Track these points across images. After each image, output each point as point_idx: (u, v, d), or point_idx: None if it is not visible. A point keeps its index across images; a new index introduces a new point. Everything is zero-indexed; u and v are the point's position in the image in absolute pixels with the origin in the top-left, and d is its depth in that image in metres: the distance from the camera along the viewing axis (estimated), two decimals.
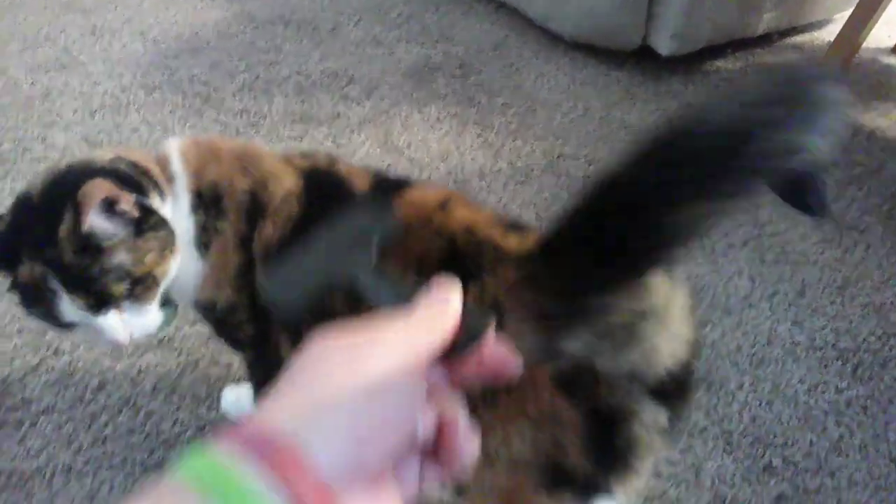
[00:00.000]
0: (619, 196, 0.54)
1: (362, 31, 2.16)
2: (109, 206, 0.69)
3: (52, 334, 1.18)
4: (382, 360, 0.33)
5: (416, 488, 0.35)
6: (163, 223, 0.75)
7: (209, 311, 0.84)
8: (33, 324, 1.19)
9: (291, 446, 0.28)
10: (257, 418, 0.30)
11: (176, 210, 0.79)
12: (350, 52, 2.06)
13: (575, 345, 0.57)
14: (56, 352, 1.15)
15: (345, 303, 0.66)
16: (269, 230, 0.78)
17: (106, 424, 1.05)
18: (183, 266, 0.79)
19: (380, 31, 2.17)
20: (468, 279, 0.63)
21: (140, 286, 0.74)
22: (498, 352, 0.37)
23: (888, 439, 1.11)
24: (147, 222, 0.73)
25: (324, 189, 0.79)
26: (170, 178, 0.79)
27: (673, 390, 0.63)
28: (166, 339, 1.18)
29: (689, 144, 0.49)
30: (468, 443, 0.35)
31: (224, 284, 0.81)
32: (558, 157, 1.70)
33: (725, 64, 2.16)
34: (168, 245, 0.75)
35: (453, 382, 0.37)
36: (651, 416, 0.63)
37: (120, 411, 1.06)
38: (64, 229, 0.69)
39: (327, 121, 1.77)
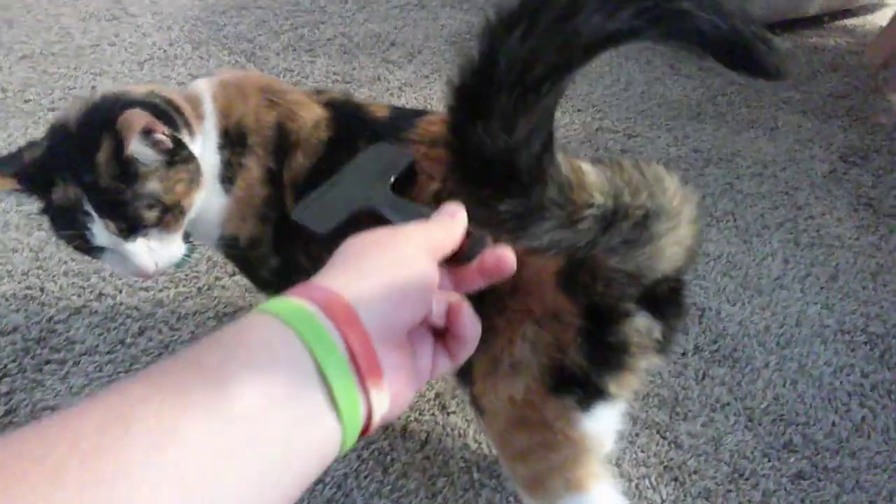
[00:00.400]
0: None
1: None
2: (147, 135, 0.72)
3: (96, 278, 1.23)
4: (405, 245, 0.41)
5: (431, 367, 0.43)
6: (192, 157, 0.78)
7: (232, 247, 0.87)
8: (79, 265, 1.25)
9: (347, 303, 0.36)
10: (318, 281, 0.38)
11: (205, 147, 0.81)
12: (394, 15, 2.06)
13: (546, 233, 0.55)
14: (100, 295, 1.20)
15: (369, 225, 0.69)
16: (299, 159, 0.80)
17: (145, 368, 1.09)
18: (207, 200, 0.82)
19: None
20: None
21: (169, 214, 0.77)
22: (495, 255, 0.44)
23: None
24: (178, 154, 0.76)
25: (348, 116, 0.82)
26: (200, 117, 0.82)
27: (665, 301, 0.67)
28: (205, 287, 1.22)
29: None
30: (472, 324, 0.43)
31: (248, 217, 0.84)
32: (597, 130, 1.70)
33: None
34: (196, 178, 0.78)
35: (457, 285, 0.46)
36: (644, 322, 0.66)
37: (159, 355, 1.11)
38: (103, 154, 0.72)
39: (368, 83, 1.79)
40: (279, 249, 0.86)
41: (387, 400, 0.38)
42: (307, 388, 0.34)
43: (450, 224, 0.45)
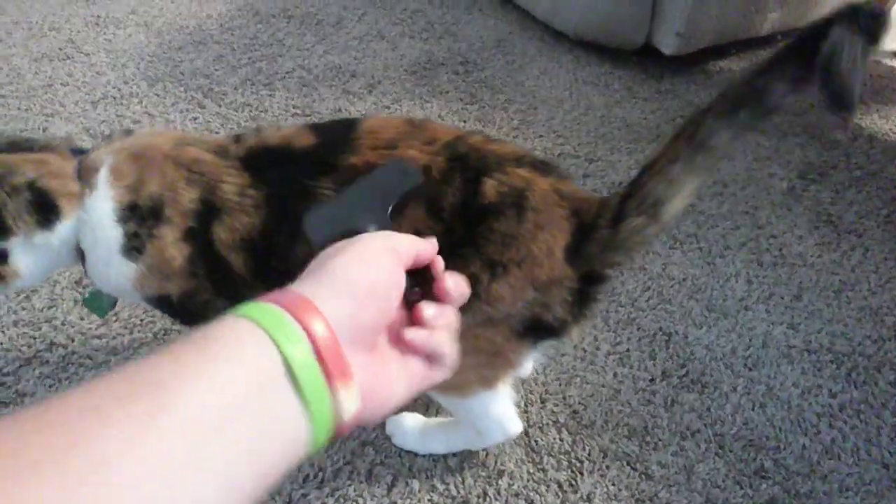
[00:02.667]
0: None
1: (366, 26, 2.16)
2: None
3: (47, 327, 1.19)
4: (368, 246, 0.44)
5: (422, 373, 0.46)
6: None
7: (165, 305, 0.88)
8: (29, 315, 1.20)
9: (312, 303, 0.38)
10: (285, 289, 0.40)
11: (90, 222, 0.82)
12: (353, 46, 2.06)
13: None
14: (51, 345, 1.16)
15: None
16: (239, 220, 0.80)
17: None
18: (108, 272, 0.84)
19: (383, 26, 2.17)
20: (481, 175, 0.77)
21: None
22: (446, 287, 0.48)
23: (881, 444, 1.12)
24: None
25: (269, 164, 0.82)
26: (91, 189, 0.81)
27: None
28: (161, 331, 1.18)
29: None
30: (450, 344, 0.47)
31: (172, 277, 0.83)
32: (559, 155, 1.70)
33: (728, 64, 2.15)
34: None
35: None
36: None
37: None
38: None
39: (329, 115, 1.77)
40: (224, 293, 0.86)
41: (357, 398, 0.38)
42: (275, 384, 0.35)
43: (415, 238, 0.48)
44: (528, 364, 1.10)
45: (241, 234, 0.80)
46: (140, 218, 0.80)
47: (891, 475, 1.08)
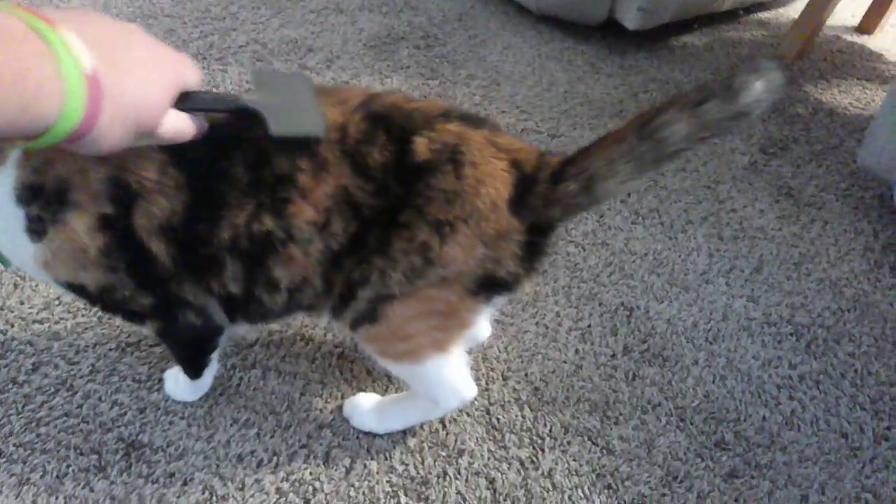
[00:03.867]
0: None
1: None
2: None
3: None
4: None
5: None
6: None
7: (82, 293, 0.81)
8: None
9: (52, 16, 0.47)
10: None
11: None
12: (310, 20, 2.00)
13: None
14: None
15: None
16: (158, 204, 0.73)
17: (40, 407, 1.00)
18: (14, 250, 0.78)
19: (341, 0, 2.11)
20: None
21: None
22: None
23: (839, 414, 1.12)
24: None
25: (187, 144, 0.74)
26: (1, 161, 0.74)
27: None
28: (107, 315, 1.13)
29: None
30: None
31: (88, 267, 0.77)
32: (521, 131, 1.68)
33: (691, 39, 2.14)
34: None
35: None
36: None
37: (56, 393, 1.02)
38: None
39: None
40: (147, 288, 0.80)
41: (84, 49, 0.47)
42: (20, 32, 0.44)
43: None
44: (485, 327, 1.12)
45: (160, 219, 0.74)
46: (44, 201, 0.73)
47: (849, 444, 1.08)
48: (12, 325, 1.11)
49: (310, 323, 1.14)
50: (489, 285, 0.80)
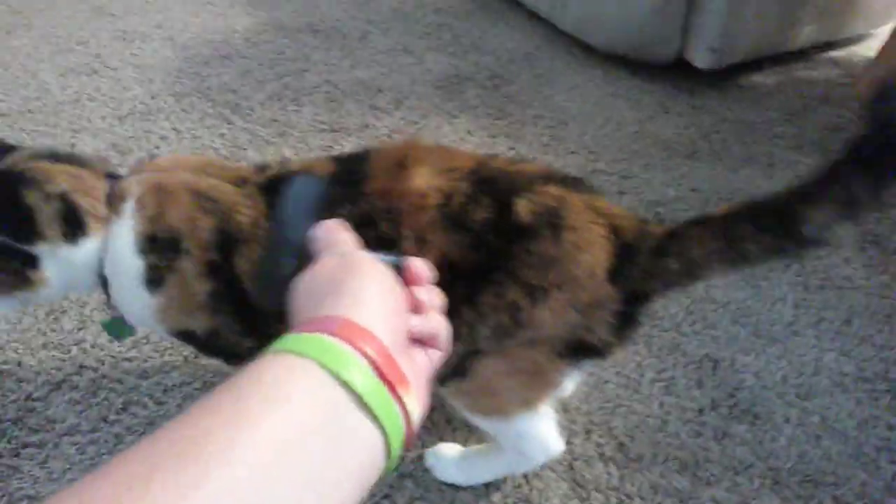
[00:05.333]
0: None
1: (391, 40, 2.14)
2: None
3: (76, 350, 1.16)
4: (364, 265, 0.45)
5: (428, 364, 0.47)
6: (13, 265, 0.79)
7: (190, 339, 0.86)
8: (58, 337, 1.18)
9: (353, 321, 0.38)
10: (313, 316, 0.40)
11: (113, 249, 0.80)
12: (379, 61, 2.03)
13: None
14: (81, 368, 1.13)
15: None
16: (249, 255, 0.77)
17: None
18: (131, 303, 0.83)
19: (409, 40, 2.14)
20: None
21: None
22: (414, 267, 0.49)
23: None
24: None
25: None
26: (116, 214, 0.80)
27: None
28: (193, 354, 1.15)
29: None
30: (443, 322, 0.49)
31: (195, 313, 0.81)
32: (592, 172, 1.66)
33: (762, 79, 2.11)
34: (5, 282, 0.81)
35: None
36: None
37: (144, 432, 1.03)
38: None
39: (356, 131, 1.74)
40: (252, 332, 0.83)
41: (419, 404, 0.40)
42: (338, 407, 0.35)
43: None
44: (569, 384, 1.08)
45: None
46: (159, 250, 0.79)
47: None
48: (103, 363, 1.13)
49: None
50: (579, 350, 0.79)
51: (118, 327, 0.93)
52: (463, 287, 0.75)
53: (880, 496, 1.03)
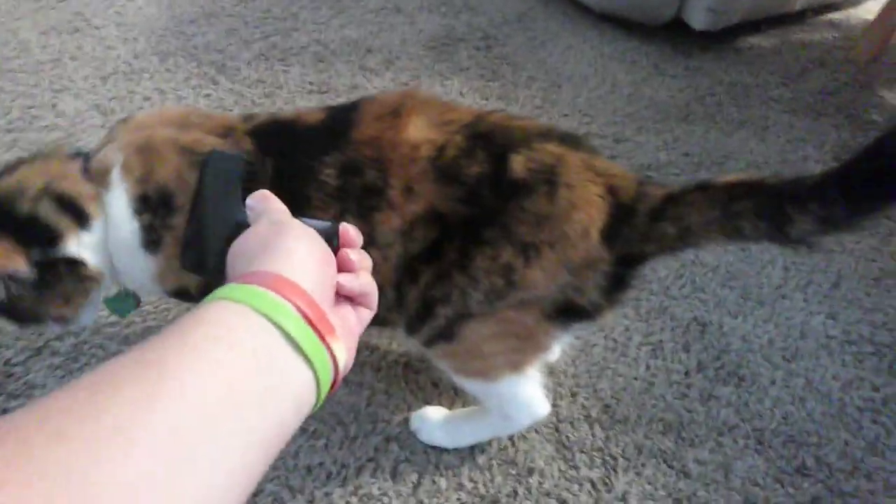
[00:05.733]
0: None
1: None
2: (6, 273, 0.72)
3: None
4: (294, 226, 0.48)
5: (357, 322, 0.50)
6: (72, 274, 0.77)
7: (187, 297, 0.86)
8: None
9: (284, 277, 0.42)
10: (247, 272, 0.43)
11: (111, 221, 0.78)
12: (370, 20, 1.99)
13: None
14: (62, 334, 1.12)
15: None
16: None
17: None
18: (132, 266, 0.81)
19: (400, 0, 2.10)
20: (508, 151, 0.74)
21: (57, 321, 0.80)
22: (348, 232, 0.52)
23: None
24: (49, 279, 0.75)
25: (277, 138, 0.80)
26: (106, 187, 0.78)
27: None
28: (175, 319, 1.14)
29: None
30: (369, 282, 0.51)
31: None
32: (585, 134, 1.64)
33: (759, 41, 2.07)
34: (76, 293, 0.78)
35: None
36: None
37: None
38: None
39: (345, 92, 1.71)
40: None
41: (345, 350, 0.44)
42: (274, 349, 0.38)
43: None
44: (557, 348, 1.08)
45: None
46: (153, 209, 0.77)
47: None
48: (84, 329, 1.12)
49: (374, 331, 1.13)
50: (569, 312, 0.78)
51: (121, 302, 0.92)
52: (455, 252, 0.75)
53: (861, 455, 1.03)
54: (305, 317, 0.40)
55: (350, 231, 0.52)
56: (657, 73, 1.88)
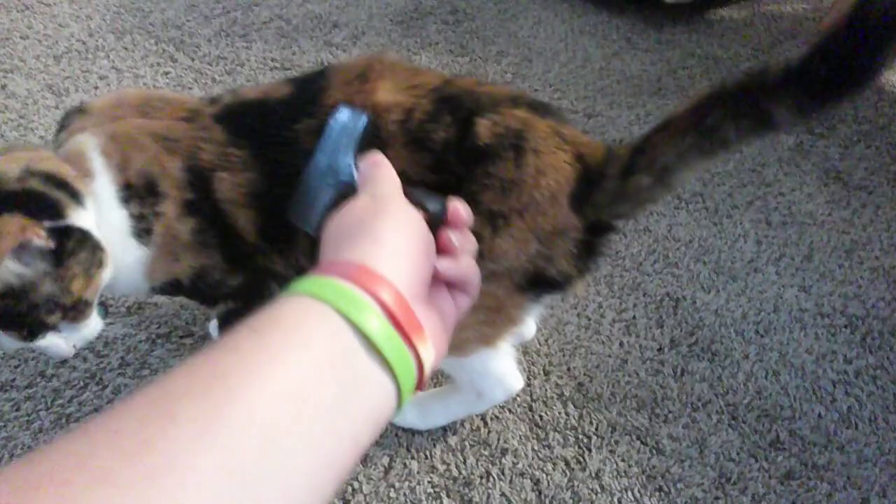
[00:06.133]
0: None
1: None
2: (22, 247, 0.64)
3: None
4: (395, 207, 0.44)
5: (454, 310, 0.47)
6: (84, 243, 0.69)
7: (177, 289, 0.82)
8: None
9: (371, 269, 0.38)
10: (334, 259, 0.40)
11: (100, 208, 0.73)
12: None
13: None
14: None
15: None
16: (229, 179, 0.75)
17: (69, 402, 0.97)
18: (122, 259, 0.75)
19: None
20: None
21: (73, 311, 0.70)
22: (457, 208, 0.49)
23: None
24: (65, 249, 0.67)
25: (246, 119, 0.77)
26: (87, 175, 0.73)
27: None
28: (135, 306, 1.10)
29: None
30: (475, 266, 0.48)
31: (180, 256, 0.78)
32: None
33: (730, 13, 2.05)
34: (93, 264, 0.70)
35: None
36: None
37: (85, 387, 0.99)
38: None
39: (310, 68, 1.66)
40: (240, 267, 0.81)
41: (433, 351, 0.40)
42: (351, 354, 0.35)
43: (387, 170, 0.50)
44: (531, 323, 1.07)
45: (243, 189, 0.75)
46: (139, 196, 0.74)
47: None
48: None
49: None
50: (539, 283, 0.75)
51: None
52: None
53: (834, 428, 1.03)
54: (391, 315, 0.37)
55: (460, 210, 0.49)
56: (629, 46, 1.86)
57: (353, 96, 0.73)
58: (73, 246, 0.68)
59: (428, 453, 0.96)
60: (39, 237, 0.64)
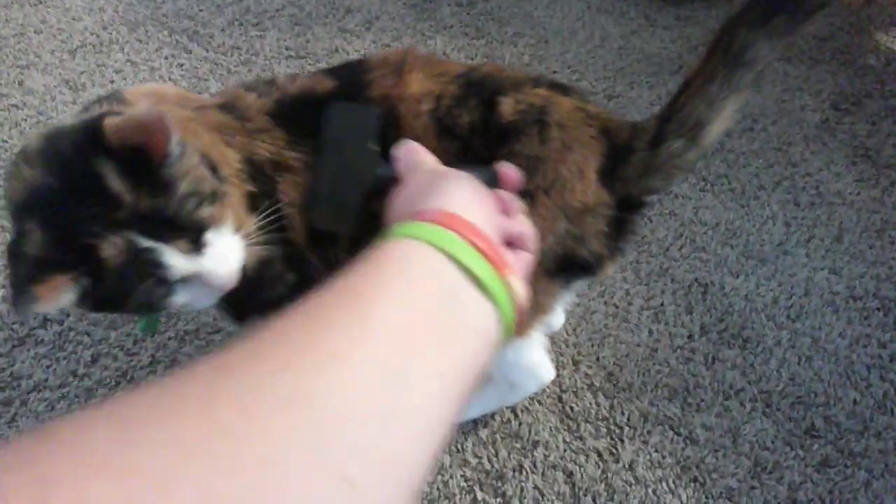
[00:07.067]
0: None
1: None
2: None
3: None
4: (447, 172, 0.50)
5: (522, 265, 0.49)
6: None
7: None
8: None
9: (458, 215, 0.42)
10: (421, 208, 0.43)
11: None
12: None
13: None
14: (45, 321, 1.07)
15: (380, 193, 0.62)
16: (296, 179, 0.72)
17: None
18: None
19: None
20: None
21: (217, 204, 0.64)
22: (510, 173, 0.57)
23: None
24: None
25: (297, 111, 0.74)
26: None
27: None
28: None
29: None
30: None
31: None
32: None
33: None
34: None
35: None
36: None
37: (117, 385, 0.99)
38: (116, 182, 0.57)
39: (325, 56, 1.64)
40: (294, 267, 0.77)
41: (522, 286, 0.44)
42: (457, 284, 0.39)
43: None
44: (559, 313, 1.05)
45: (301, 190, 0.72)
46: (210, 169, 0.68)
47: None
48: (68, 316, 1.08)
49: None
50: (569, 267, 0.73)
51: (153, 320, 0.85)
52: None
53: (870, 414, 1.02)
54: (483, 252, 0.40)
55: (511, 172, 0.53)
56: (647, 24, 1.82)
57: (391, 90, 0.72)
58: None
59: (460, 446, 0.95)
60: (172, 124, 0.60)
